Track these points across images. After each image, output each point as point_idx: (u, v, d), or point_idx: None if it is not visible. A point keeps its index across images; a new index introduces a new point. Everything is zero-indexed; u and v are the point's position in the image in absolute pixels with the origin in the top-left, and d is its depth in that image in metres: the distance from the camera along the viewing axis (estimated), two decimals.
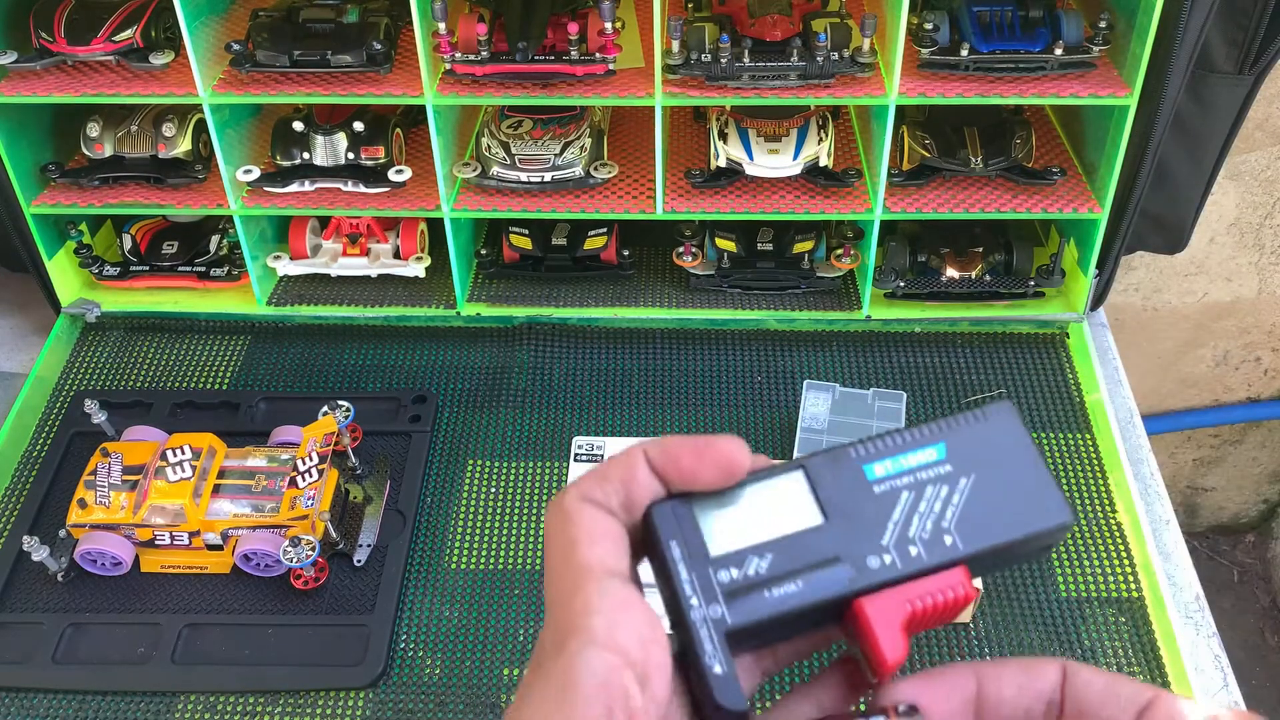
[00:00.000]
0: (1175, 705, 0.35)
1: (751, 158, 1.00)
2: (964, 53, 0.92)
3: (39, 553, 0.85)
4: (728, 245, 1.08)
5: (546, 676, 0.33)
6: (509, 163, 1.01)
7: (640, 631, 0.33)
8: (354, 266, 1.09)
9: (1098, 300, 1.09)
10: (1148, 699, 0.36)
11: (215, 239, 1.11)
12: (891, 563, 0.36)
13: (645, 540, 0.36)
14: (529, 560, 0.90)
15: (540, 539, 0.91)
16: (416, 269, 1.09)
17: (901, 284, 1.06)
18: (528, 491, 0.95)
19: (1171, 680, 0.81)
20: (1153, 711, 0.36)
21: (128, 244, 1.10)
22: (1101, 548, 0.90)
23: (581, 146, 1.02)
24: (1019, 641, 0.84)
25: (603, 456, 0.96)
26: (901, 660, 0.35)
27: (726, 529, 0.37)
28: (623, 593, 0.33)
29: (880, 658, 0.35)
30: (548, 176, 1.01)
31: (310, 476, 0.87)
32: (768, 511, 0.37)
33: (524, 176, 1.01)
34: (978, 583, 0.84)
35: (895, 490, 0.37)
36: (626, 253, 1.10)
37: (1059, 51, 0.92)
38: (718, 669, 0.34)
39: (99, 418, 0.95)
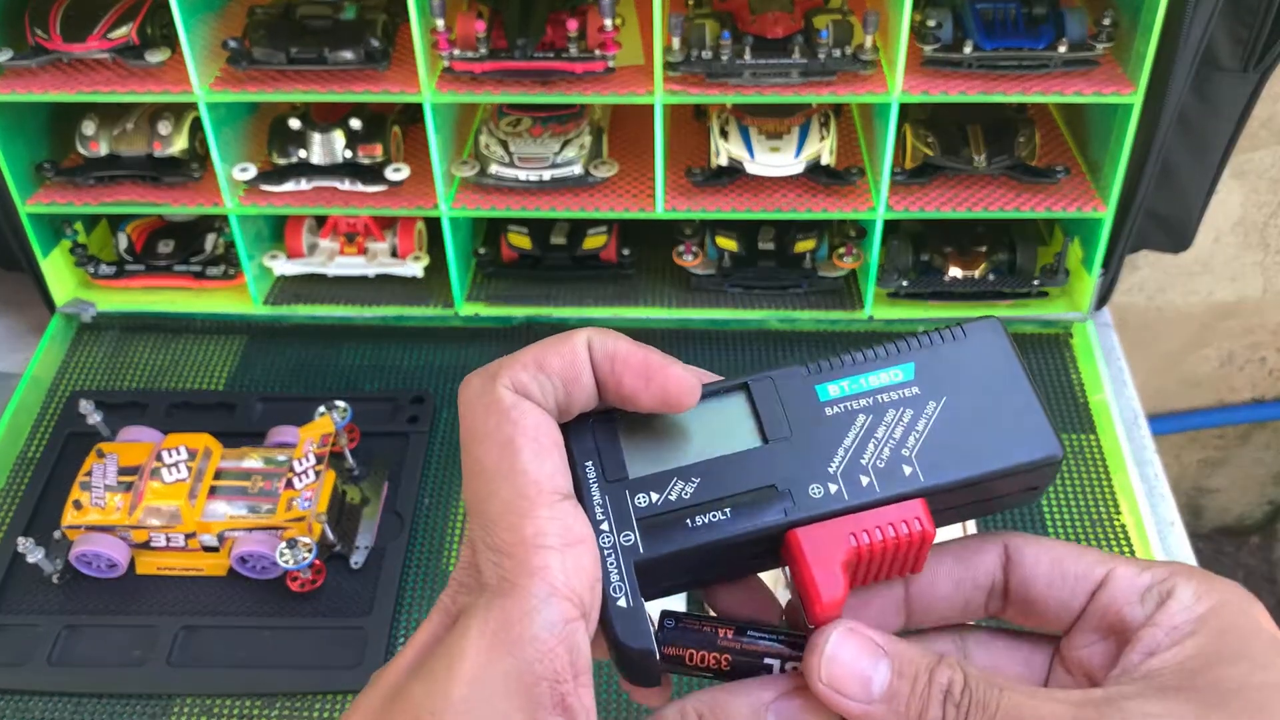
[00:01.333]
0: (1128, 582, 0.33)
1: (753, 156, 0.99)
2: (967, 50, 0.91)
3: (34, 554, 0.85)
4: (729, 244, 1.07)
5: (489, 614, 0.28)
6: (508, 161, 1.00)
7: (591, 573, 0.30)
8: (351, 266, 1.08)
9: (1102, 300, 1.08)
10: (1099, 577, 0.33)
11: (211, 238, 1.10)
12: (836, 492, 0.31)
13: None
14: None
15: None
16: (414, 268, 1.08)
17: (904, 283, 1.05)
18: None
19: None
20: (1105, 592, 0.33)
21: (123, 243, 1.09)
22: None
23: (581, 145, 1.01)
24: None
25: None
26: (838, 601, 0.31)
27: (651, 449, 0.33)
28: (574, 525, 0.30)
29: (814, 593, 0.31)
30: (547, 175, 1.00)
31: (307, 478, 0.86)
32: (700, 432, 0.33)
33: (523, 175, 1.00)
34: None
35: (850, 413, 0.33)
36: (626, 252, 1.09)
37: (1063, 49, 0.91)
38: (622, 602, 0.30)
39: (94, 418, 0.94)
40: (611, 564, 0.31)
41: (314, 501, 0.85)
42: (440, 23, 0.90)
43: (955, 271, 1.06)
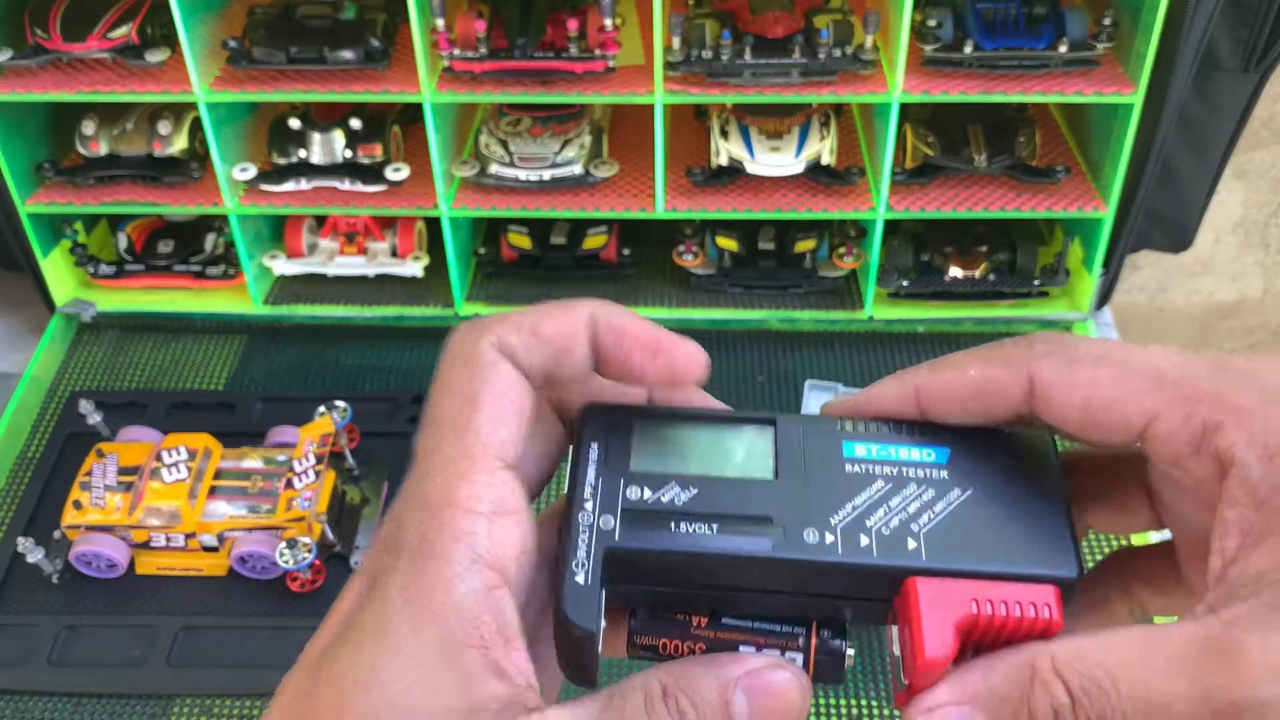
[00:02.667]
0: (1175, 438, 0.29)
1: (753, 156, 0.99)
2: (968, 50, 0.91)
3: (34, 554, 0.84)
4: (729, 244, 1.07)
5: (411, 579, 0.27)
6: (508, 161, 1.00)
7: (519, 545, 0.28)
8: (351, 265, 1.08)
9: (1102, 300, 1.08)
10: (1137, 429, 0.29)
11: (211, 238, 1.10)
12: (831, 544, 0.30)
13: (574, 433, 0.33)
14: None
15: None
16: (414, 268, 1.08)
17: (905, 283, 1.05)
18: None
19: None
20: (1152, 447, 0.29)
21: (123, 243, 1.09)
22: (1108, 552, 0.89)
23: (581, 144, 1.01)
24: None
25: None
26: (942, 660, 0.29)
27: (660, 452, 0.32)
28: (510, 496, 0.29)
29: (918, 646, 0.29)
30: (547, 175, 1.00)
31: (307, 478, 0.86)
32: (714, 452, 0.33)
33: (523, 175, 1.00)
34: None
35: (869, 475, 0.32)
36: (626, 252, 1.09)
37: (1063, 49, 0.91)
38: (580, 579, 0.30)
39: (94, 418, 0.94)
40: (582, 541, 0.30)
41: (314, 501, 0.85)
42: (440, 22, 0.90)
43: (956, 271, 1.06)
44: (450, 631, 0.26)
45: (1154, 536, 0.35)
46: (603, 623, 0.30)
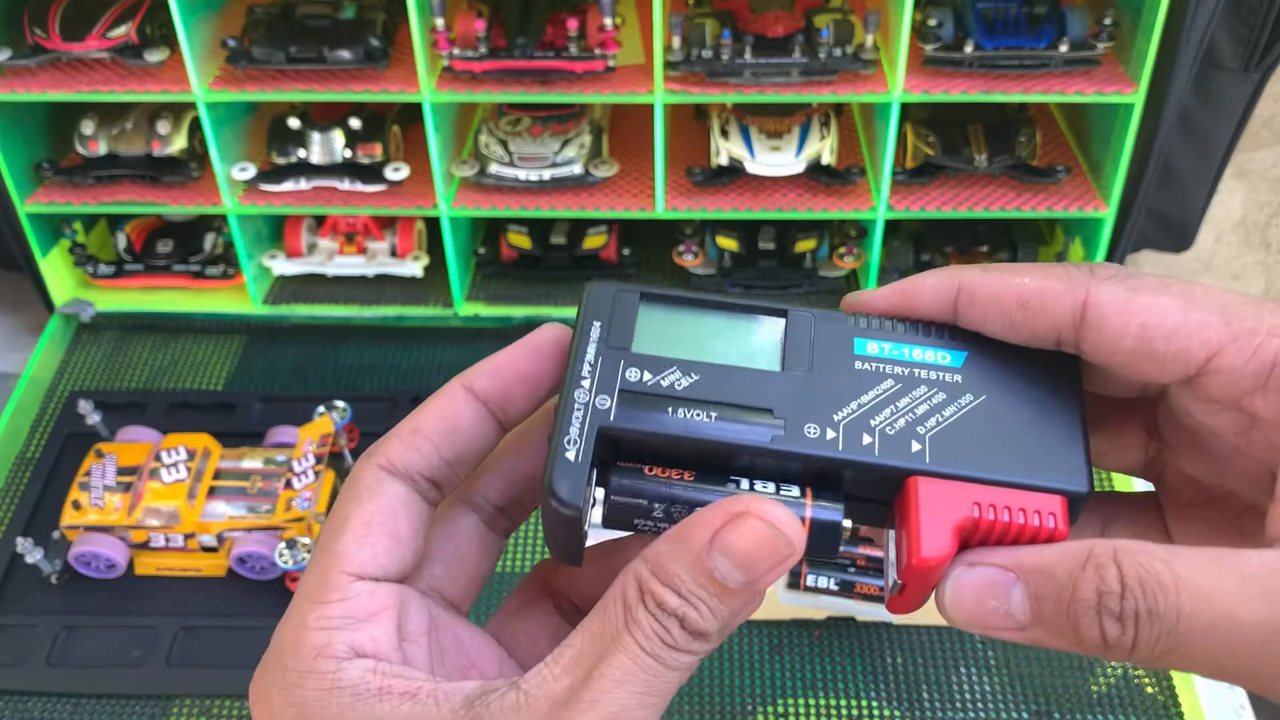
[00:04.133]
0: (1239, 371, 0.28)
1: (753, 155, 0.99)
2: (968, 49, 0.91)
3: (33, 555, 0.84)
4: (729, 244, 1.07)
5: (272, 679, 0.30)
6: (507, 160, 1.00)
7: (387, 639, 0.30)
8: (350, 265, 1.08)
9: None
10: (1199, 363, 0.28)
11: (211, 238, 1.10)
12: (831, 440, 0.30)
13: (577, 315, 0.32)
14: (525, 564, 0.89)
15: (537, 540, 0.90)
16: (414, 268, 1.08)
17: None
18: None
19: (1183, 704, 0.79)
20: (1210, 381, 0.29)
21: (122, 243, 1.09)
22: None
23: (581, 144, 1.01)
24: (1021, 655, 0.83)
25: None
26: (938, 560, 0.28)
27: (664, 335, 0.32)
28: (370, 600, 0.30)
29: (914, 544, 0.29)
30: (546, 174, 1.00)
31: (306, 478, 0.86)
32: (720, 339, 0.32)
33: (522, 174, 1.00)
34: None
35: (879, 374, 0.31)
36: (626, 252, 1.09)
37: (1064, 48, 0.91)
38: (570, 455, 0.29)
39: (93, 418, 0.94)
40: (576, 419, 0.30)
41: (313, 502, 0.85)
42: (440, 22, 0.90)
43: None
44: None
45: (1137, 485, 0.35)
46: (593, 500, 0.30)
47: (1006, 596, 0.28)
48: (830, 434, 0.30)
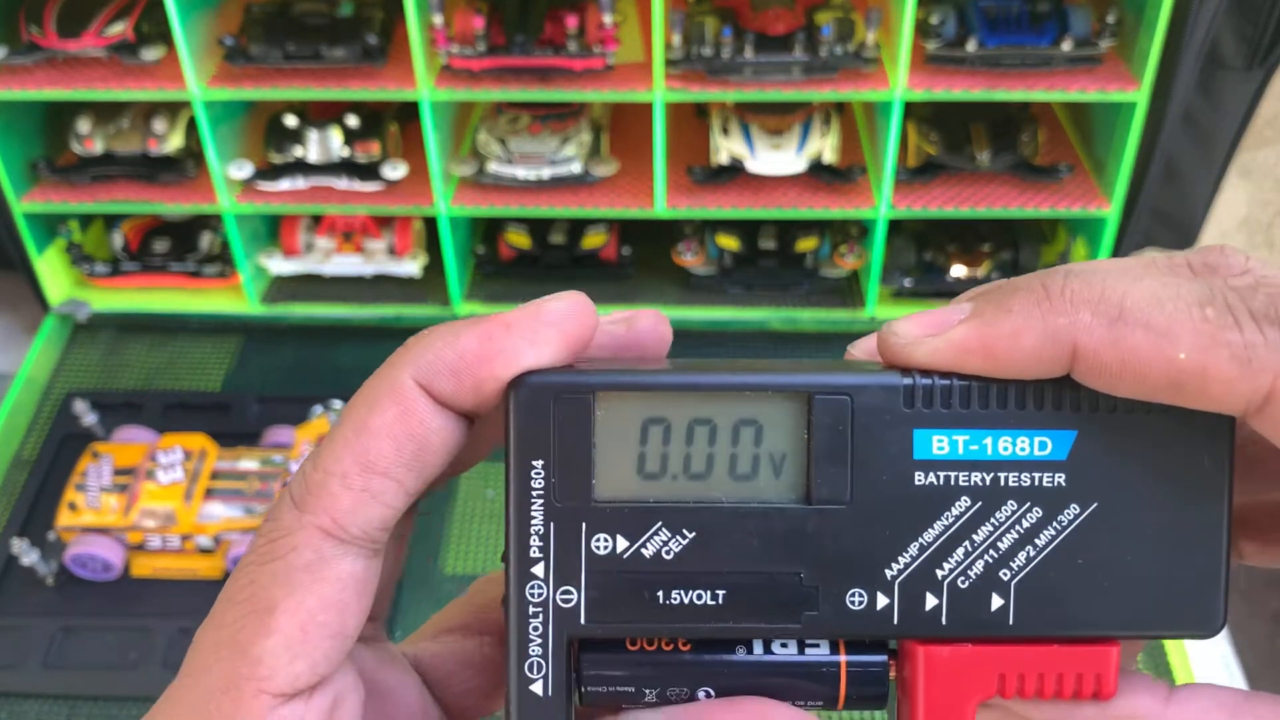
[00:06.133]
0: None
1: (754, 154, 0.98)
2: (971, 47, 0.90)
3: (29, 556, 0.84)
4: (729, 243, 1.06)
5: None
6: (506, 158, 1.00)
7: None
8: (348, 265, 1.07)
9: None
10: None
11: (207, 236, 1.09)
12: (884, 609, 0.22)
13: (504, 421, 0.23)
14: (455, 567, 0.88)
15: (470, 542, 0.89)
16: (412, 267, 1.07)
17: (907, 283, 1.04)
18: None
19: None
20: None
21: (118, 242, 1.08)
22: None
23: (580, 142, 1.01)
24: None
25: None
26: None
27: (636, 458, 0.23)
28: None
29: None
30: (545, 173, 0.99)
31: None
32: (721, 452, 0.23)
33: (521, 173, 0.99)
34: None
35: (949, 490, 0.22)
36: (626, 251, 1.08)
37: (1067, 46, 0.90)
38: (537, 688, 0.22)
39: (89, 419, 0.93)
40: (535, 630, 0.22)
41: None
42: (438, 19, 0.89)
43: (959, 270, 1.05)
44: None
45: None
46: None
47: None
48: (882, 600, 0.22)
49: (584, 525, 0.22)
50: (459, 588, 0.86)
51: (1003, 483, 0.22)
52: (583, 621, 0.23)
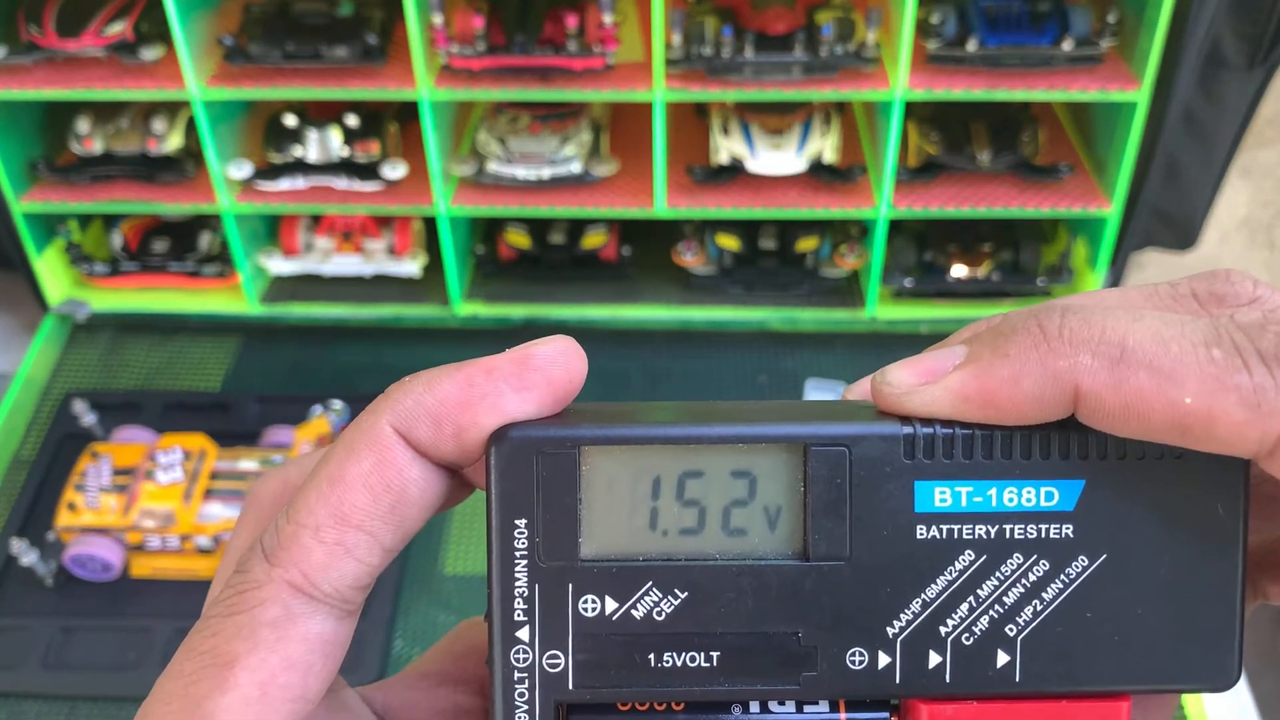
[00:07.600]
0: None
1: (754, 153, 0.98)
2: (971, 46, 0.90)
3: (28, 557, 0.84)
4: (730, 243, 1.06)
5: None
6: (506, 158, 0.99)
7: None
8: (348, 264, 1.07)
9: None
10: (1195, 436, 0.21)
11: (207, 236, 1.09)
12: (885, 668, 0.22)
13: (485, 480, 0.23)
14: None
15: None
16: (412, 267, 1.07)
17: (908, 282, 1.04)
18: None
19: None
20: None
21: (117, 241, 1.08)
22: None
23: (580, 142, 1.00)
24: None
25: None
26: None
27: (624, 515, 0.22)
28: None
29: None
30: (545, 173, 0.99)
31: None
32: (710, 509, 0.22)
33: (521, 172, 0.99)
34: None
35: (952, 544, 0.22)
36: (626, 251, 1.08)
37: (1067, 46, 0.90)
38: None
39: (88, 419, 0.93)
40: (521, 696, 0.22)
41: None
42: (438, 18, 0.89)
43: (959, 270, 1.05)
44: None
45: None
46: None
47: None
48: (884, 659, 0.22)
49: (571, 586, 0.22)
50: (459, 588, 0.87)
51: (1008, 535, 0.22)
52: (571, 686, 0.22)
